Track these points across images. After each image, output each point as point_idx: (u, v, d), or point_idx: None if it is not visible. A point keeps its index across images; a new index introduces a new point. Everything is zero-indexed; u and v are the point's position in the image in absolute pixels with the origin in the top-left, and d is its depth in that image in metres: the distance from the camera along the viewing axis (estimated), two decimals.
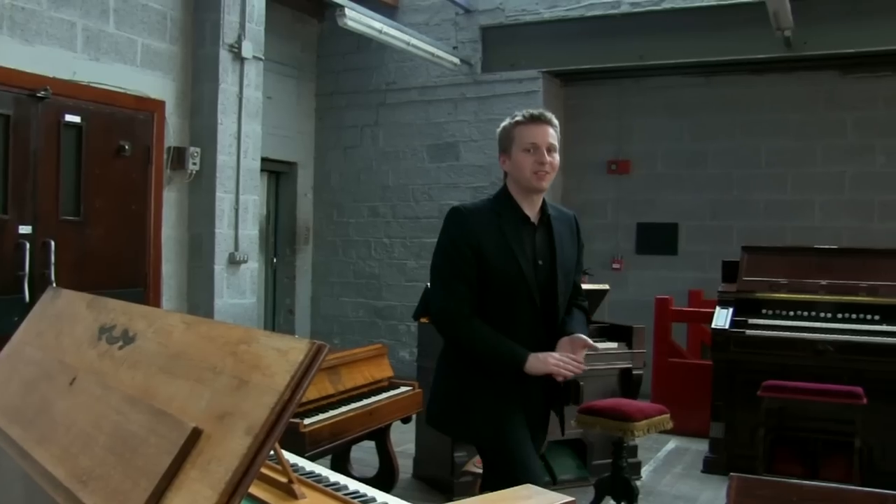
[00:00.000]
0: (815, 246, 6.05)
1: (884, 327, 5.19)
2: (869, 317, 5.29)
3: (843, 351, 5.15)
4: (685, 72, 7.88)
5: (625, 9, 7.69)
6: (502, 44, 8.30)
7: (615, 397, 4.97)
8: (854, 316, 5.33)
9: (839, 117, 7.47)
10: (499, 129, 2.87)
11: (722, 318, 5.54)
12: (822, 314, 5.41)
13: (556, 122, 2.83)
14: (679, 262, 8.07)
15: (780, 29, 6.58)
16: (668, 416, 4.50)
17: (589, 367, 3.77)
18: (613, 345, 5.31)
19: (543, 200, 2.84)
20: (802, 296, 5.48)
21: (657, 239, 8.16)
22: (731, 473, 1.76)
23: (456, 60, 8.23)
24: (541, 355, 2.69)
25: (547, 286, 2.77)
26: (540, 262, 2.76)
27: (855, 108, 7.41)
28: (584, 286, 3.22)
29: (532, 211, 2.81)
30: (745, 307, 5.59)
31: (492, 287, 2.71)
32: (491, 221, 2.75)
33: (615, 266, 8.32)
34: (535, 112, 2.81)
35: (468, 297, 2.71)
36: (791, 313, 5.47)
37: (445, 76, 8.49)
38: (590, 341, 2.74)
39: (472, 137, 8.43)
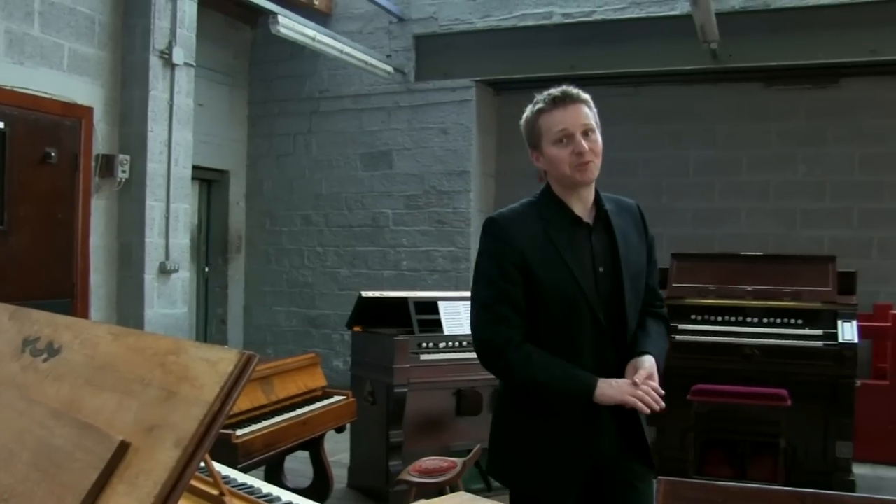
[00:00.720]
0: (742, 253, 6.20)
1: (806, 331, 5.34)
2: (793, 321, 5.44)
3: (769, 354, 5.28)
4: (616, 82, 7.99)
5: (556, 20, 7.79)
6: (436, 53, 8.33)
7: None
8: (779, 320, 5.47)
9: (763, 128, 7.66)
10: (521, 122, 2.41)
11: None
12: (749, 319, 5.54)
13: (585, 96, 2.32)
14: None
15: (707, 41, 6.73)
16: None
17: None
18: None
19: (597, 192, 2.38)
20: (730, 301, 5.61)
21: None
22: (659, 477, 1.80)
23: (389, 69, 8.24)
24: (614, 382, 2.24)
25: (612, 298, 2.30)
26: (601, 270, 2.30)
27: (778, 120, 7.61)
28: None
29: (583, 209, 2.35)
30: (674, 313, 5.68)
31: (545, 308, 2.26)
32: (536, 229, 2.30)
33: None
34: (557, 93, 2.30)
35: (517, 323, 2.26)
36: (719, 318, 5.60)
37: (379, 84, 8.49)
38: (653, 370, 2.30)
39: (405, 146, 8.43)
